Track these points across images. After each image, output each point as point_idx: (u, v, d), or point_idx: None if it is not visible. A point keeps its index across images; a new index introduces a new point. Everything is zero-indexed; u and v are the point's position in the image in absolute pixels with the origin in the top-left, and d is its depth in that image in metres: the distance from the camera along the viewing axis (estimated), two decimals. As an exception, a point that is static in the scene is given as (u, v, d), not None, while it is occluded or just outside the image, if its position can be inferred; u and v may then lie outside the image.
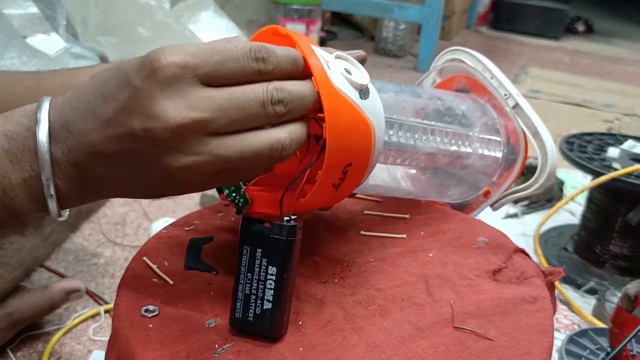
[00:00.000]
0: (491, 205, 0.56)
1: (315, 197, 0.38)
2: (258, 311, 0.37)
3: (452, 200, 0.58)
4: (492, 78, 0.55)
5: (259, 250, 0.36)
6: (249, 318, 0.37)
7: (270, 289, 0.36)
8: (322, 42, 2.16)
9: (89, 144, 0.34)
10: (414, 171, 0.55)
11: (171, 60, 0.32)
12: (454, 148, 0.52)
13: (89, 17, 1.46)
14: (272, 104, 0.34)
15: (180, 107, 0.32)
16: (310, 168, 0.37)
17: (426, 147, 0.50)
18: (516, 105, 0.54)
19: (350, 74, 0.38)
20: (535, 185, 0.55)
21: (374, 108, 0.39)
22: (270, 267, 0.36)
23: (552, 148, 0.54)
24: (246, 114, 0.33)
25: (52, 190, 0.34)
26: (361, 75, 0.38)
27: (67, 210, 0.36)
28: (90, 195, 0.37)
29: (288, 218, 0.37)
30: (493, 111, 0.56)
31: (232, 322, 0.38)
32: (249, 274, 0.37)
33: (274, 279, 0.36)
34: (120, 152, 0.34)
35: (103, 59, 1.48)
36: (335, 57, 0.39)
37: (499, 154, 0.56)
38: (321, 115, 0.36)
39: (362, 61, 0.44)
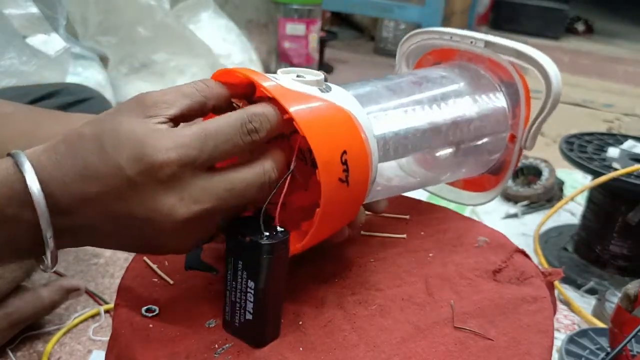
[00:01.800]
0: (524, 147, 0.53)
1: (330, 200, 0.36)
2: (242, 319, 0.37)
3: (485, 168, 0.55)
4: (451, 38, 0.54)
5: (240, 262, 0.36)
6: (236, 323, 0.37)
7: (251, 301, 0.36)
8: (322, 42, 2.16)
9: (72, 215, 0.33)
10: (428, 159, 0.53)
11: (169, 159, 0.32)
12: (453, 116, 0.50)
13: (88, 17, 1.46)
14: (268, 183, 0.35)
15: (185, 204, 0.33)
16: (315, 188, 0.36)
17: (424, 128, 0.47)
18: (487, 43, 0.52)
19: (304, 78, 0.38)
20: (549, 100, 0.51)
21: (342, 98, 0.38)
22: (249, 280, 0.36)
23: (541, 56, 0.51)
24: (246, 199, 0.35)
25: (50, 243, 0.33)
26: (314, 75, 0.39)
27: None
28: (67, 246, 0.36)
29: (268, 234, 0.35)
30: (470, 64, 0.54)
31: (223, 323, 0.38)
32: (233, 282, 0.37)
33: (252, 292, 0.36)
34: (109, 227, 0.34)
35: (103, 59, 1.48)
36: (282, 73, 0.39)
37: (502, 101, 0.53)
38: (288, 116, 0.35)
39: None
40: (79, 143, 0.33)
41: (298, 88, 0.37)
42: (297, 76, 0.38)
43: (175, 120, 0.35)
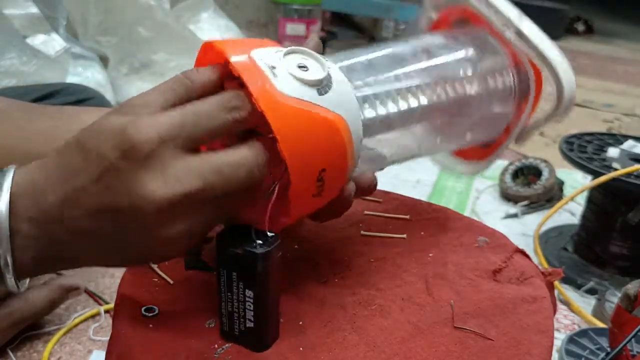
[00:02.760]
0: (516, 140, 0.51)
1: (298, 211, 0.36)
2: (242, 328, 0.37)
3: (474, 142, 0.53)
4: (489, 7, 0.50)
5: (234, 273, 0.35)
6: (235, 332, 0.37)
7: (250, 310, 0.36)
8: (322, 42, 2.16)
9: (61, 220, 0.33)
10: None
11: (147, 137, 0.31)
12: (453, 93, 0.47)
13: (89, 17, 1.46)
14: (257, 166, 0.34)
15: (168, 184, 0.31)
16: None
17: (420, 106, 0.45)
18: (518, 32, 0.49)
19: (306, 68, 0.35)
20: (559, 110, 0.48)
21: (340, 98, 0.36)
22: (247, 290, 0.35)
23: (562, 64, 0.49)
24: (235, 184, 0.33)
25: (9, 264, 0.33)
26: (317, 67, 0.36)
27: (26, 281, 0.35)
28: (54, 267, 0.36)
29: (261, 242, 0.35)
30: (494, 40, 0.51)
31: (221, 333, 0.38)
32: (228, 293, 0.36)
33: (252, 301, 0.35)
34: (97, 227, 0.33)
35: (103, 59, 1.48)
36: (286, 55, 0.36)
37: (509, 82, 0.50)
38: (272, 135, 0.33)
39: (318, 48, 0.42)
40: (62, 153, 0.34)
41: (295, 92, 0.34)
42: (300, 67, 0.35)
43: None
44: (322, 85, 0.35)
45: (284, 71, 0.35)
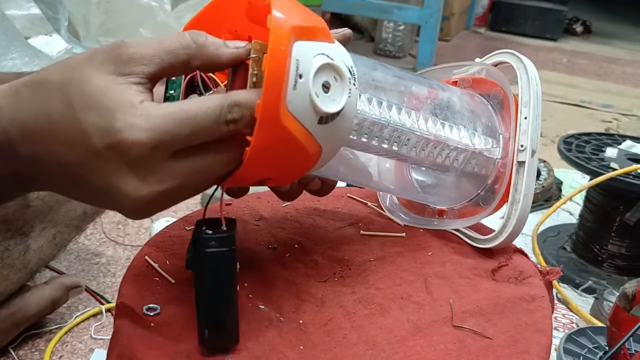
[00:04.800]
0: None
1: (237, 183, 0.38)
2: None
3: (429, 203, 0.53)
4: (525, 118, 0.49)
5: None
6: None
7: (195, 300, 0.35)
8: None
9: (39, 167, 0.33)
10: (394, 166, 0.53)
11: (140, 140, 0.30)
12: (447, 136, 0.48)
13: (90, 18, 1.46)
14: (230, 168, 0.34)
15: (149, 184, 0.32)
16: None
17: (415, 130, 0.46)
18: (522, 163, 0.48)
19: (327, 90, 0.34)
20: (494, 241, 0.49)
21: (334, 133, 0.36)
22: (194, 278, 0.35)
23: (522, 220, 0.50)
24: (209, 181, 0.34)
25: None
26: (338, 92, 0.35)
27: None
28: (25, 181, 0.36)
29: (217, 233, 0.35)
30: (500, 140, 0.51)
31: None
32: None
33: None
34: (68, 185, 0.34)
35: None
36: (321, 66, 0.34)
37: (497, 155, 0.50)
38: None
39: (347, 41, 0.42)
40: (42, 89, 0.32)
41: (298, 114, 0.33)
42: (324, 85, 0.34)
43: (152, 79, 0.33)
44: (328, 116, 0.34)
45: (306, 88, 0.33)
